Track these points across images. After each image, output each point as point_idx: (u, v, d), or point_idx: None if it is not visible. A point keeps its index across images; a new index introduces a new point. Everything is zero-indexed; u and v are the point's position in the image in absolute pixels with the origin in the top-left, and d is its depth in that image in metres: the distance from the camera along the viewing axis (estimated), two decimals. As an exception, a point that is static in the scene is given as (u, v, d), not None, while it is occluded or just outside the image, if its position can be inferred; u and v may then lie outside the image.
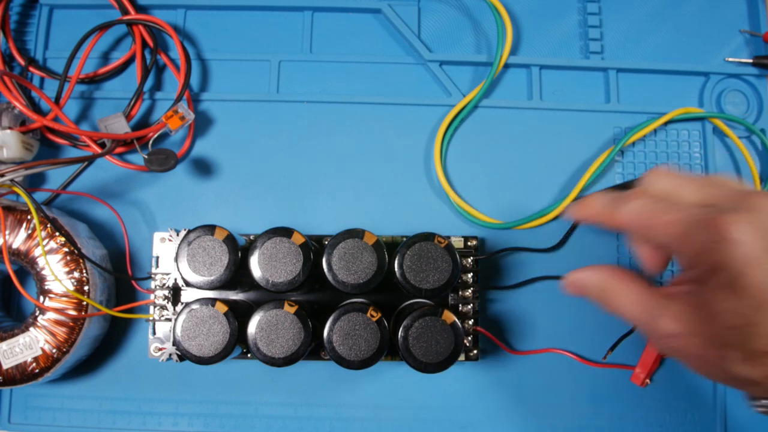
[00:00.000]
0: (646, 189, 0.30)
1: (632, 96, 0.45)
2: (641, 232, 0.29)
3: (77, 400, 0.41)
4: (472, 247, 0.40)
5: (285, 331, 0.34)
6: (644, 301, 0.29)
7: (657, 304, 0.28)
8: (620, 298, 0.30)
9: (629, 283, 0.30)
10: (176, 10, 0.45)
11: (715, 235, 0.26)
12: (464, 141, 0.44)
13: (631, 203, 0.30)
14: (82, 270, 0.37)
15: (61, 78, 0.42)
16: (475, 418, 0.41)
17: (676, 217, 0.28)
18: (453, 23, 0.46)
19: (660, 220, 0.28)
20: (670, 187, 0.30)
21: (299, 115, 0.44)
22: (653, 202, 0.29)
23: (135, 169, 0.42)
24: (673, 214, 0.28)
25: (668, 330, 0.28)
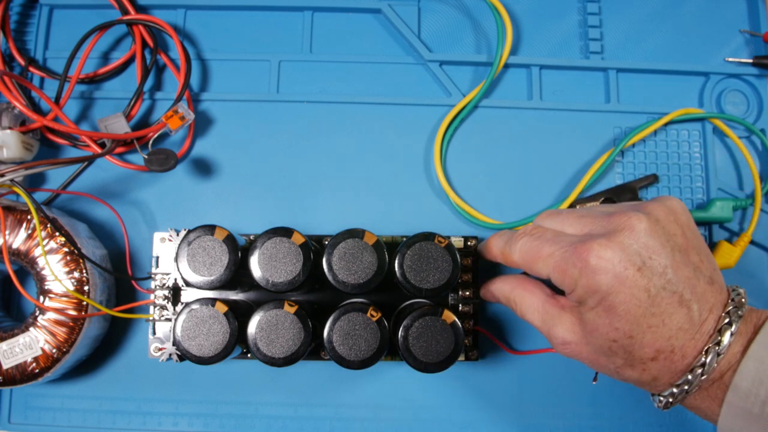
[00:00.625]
0: (533, 227, 0.33)
1: (632, 96, 0.45)
2: (528, 269, 0.32)
3: (77, 400, 0.41)
4: (472, 247, 0.40)
5: (285, 331, 0.34)
6: (542, 310, 0.32)
7: (552, 314, 0.31)
8: (523, 306, 0.33)
9: (530, 293, 0.33)
10: (176, 10, 0.45)
11: (580, 262, 0.28)
12: (464, 141, 0.44)
13: (517, 243, 0.33)
14: (82, 270, 0.37)
15: (61, 78, 0.42)
16: (475, 418, 0.41)
17: (551, 251, 0.30)
18: (453, 23, 0.46)
19: (539, 255, 0.31)
20: (554, 223, 0.32)
21: (299, 115, 0.44)
22: (534, 239, 0.32)
23: (135, 169, 0.42)
24: (548, 249, 0.30)
25: (562, 337, 0.30)
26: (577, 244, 0.29)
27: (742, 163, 0.44)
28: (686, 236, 0.29)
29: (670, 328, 0.27)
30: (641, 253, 0.28)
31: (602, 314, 0.28)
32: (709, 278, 0.29)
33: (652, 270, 0.28)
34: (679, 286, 0.28)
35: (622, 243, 0.28)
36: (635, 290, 0.27)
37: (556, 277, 0.30)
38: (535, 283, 0.33)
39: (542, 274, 0.31)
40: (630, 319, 0.27)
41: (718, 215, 0.41)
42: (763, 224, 0.43)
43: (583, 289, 0.29)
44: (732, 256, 0.41)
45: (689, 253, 0.29)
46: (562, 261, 0.29)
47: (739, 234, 0.42)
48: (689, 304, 0.27)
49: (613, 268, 0.27)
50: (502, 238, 0.35)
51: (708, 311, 0.28)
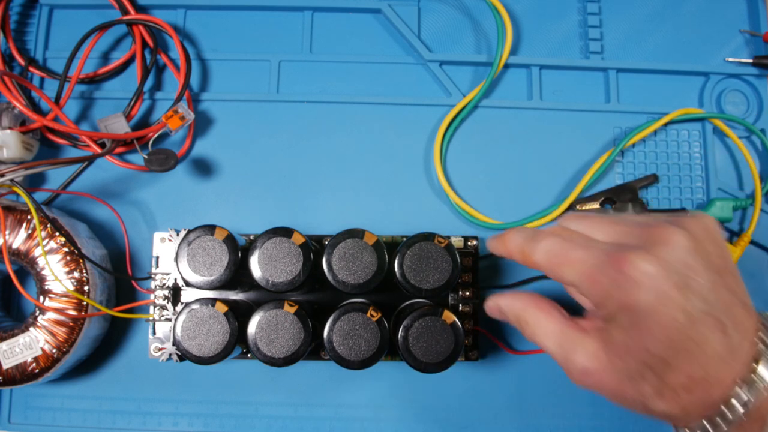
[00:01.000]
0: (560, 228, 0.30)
1: (632, 96, 0.45)
2: (552, 271, 0.29)
3: (77, 400, 0.41)
4: (472, 247, 0.40)
5: (285, 331, 0.34)
6: (560, 334, 0.29)
7: (572, 338, 0.28)
8: (536, 328, 0.30)
9: (546, 314, 0.30)
10: (176, 10, 0.45)
11: (617, 274, 0.26)
12: (464, 141, 0.44)
13: (542, 242, 0.29)
14: (82, 270, 0.37)
15: (61, 78, 0.42)
16: (475, 418, 0.41)
17: (583, 256, 0.27)
18: (453, 23, 0.46)
19: (567, 259, 0.28)
20: (582, 227, 0.30)
21: (299, 115, 0.44)
22: (563, 241, 0.29)
23: (135, 169, 0.42)
24: (579, 253, 0.28)
25: (583, 365, 0.28)
26: (614, 252, 0.27)
27: (742, 163, 0.44)
28: (723, 257, 0.27)
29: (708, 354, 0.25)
30: (681, 272, 0.26)
31: (635, 334, 0.26)
32: (744, 303, 0.27)
33: (692, 290, 0.25)
34: (717, 310, 0.25)
35: (663, 258, 0.26)
36: (674, 311, 0.25)
37: (584, 286, 0.27)
38: (552, 304, 0.30)
39: (567, 280, 0.28)
40: (666, 342, 0.25)
41: (718, 215, 0.41)
42: (763, 224, 0.43)
43: (615, 304, 0.26)
44: (732, 256, 0.41)
45: (726, 275, 0.27)
46: (595, 269, 0.27)
47: (739, 234, 0.42)
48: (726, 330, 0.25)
49: (654, 284, 0.25)
50: (523, 234, 0.31)
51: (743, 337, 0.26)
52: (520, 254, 0.31)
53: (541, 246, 0.29)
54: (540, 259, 0.29)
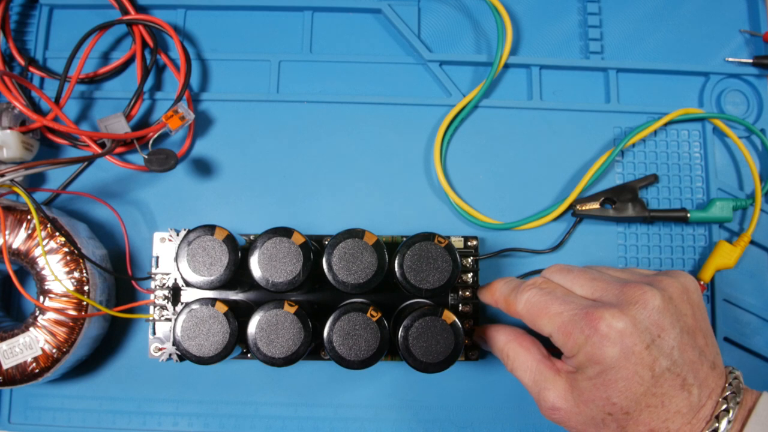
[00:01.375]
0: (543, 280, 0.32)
1: (632, 96, 0.45)
2: (531, 322, 0.31)
3: (77, 400, 0.41)
4: (472, 247, 0.40)
5: (285, 331, 0.34)
6: (535, 371, 0.31)
7: (545, 376, 0.30)
8: (515, 362, 0.32)
9: (525, 350, 0.32)
10: (176, 10, 0.45)
11: (589, 329, 0.28)
12: (464, 141, 0.44)
13: (524, 294, 0.32)
14: (82, 270, 0.37)
15: (61, 78, 0.42)
16: (475, 418, 0.41)
17: (559, 310, 0.29)
18: (453, 23, 0.46)
19: (546, 312, 0.30)
20: (564, 281, 0.32)
21: (299, 115, 0.44)
22: (543, 294, 0.31)
23: (135, 169, 0.42)
24: (557, 307, 0.30)
25: (552, 402, 0.29)
26: (589, 308, 0.28)
27: (742, 163, 0.44)
28: (696, 317, 0.29)
29: (669, 410, 0.27)
30: (651, 330, 0.27)
31: (600, 386, 0.27)
32: (712, 363, 0.28)
33: (660, 349, 0.27)
34: (683, 369, 0.27)
35: (633, 317, 0.27)
36: (639, 367, 0.27)
37: (558, 338, 0.29)
38: (532, 341, 0.33)
39: (544, 332, 0.30)
40: (629, 396, 0.27)
41: (718, 215, 0.41)
42: (763, 224, 0.43)
43: (585, 357, 0.28)
44: (732, 256, 0.41)
45: (696, 335, 0.28)
46: (570, 323, 0.29)
47: (739, 234, 0.42)
48: (690, 389, 0.27)
49: (622, 340, 0.27)
50: (509, 285, 0.34)
51: (707, 396, 0.27)
52: (504, 303, 0.34)
53: (524, 298, 0.32)
54: (521, 310, 0.32)
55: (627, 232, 0.43)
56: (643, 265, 0.43)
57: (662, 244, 0.43)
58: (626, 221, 0.42)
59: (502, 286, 0.34)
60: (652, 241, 0.43)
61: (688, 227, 0.43)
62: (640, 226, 0.43)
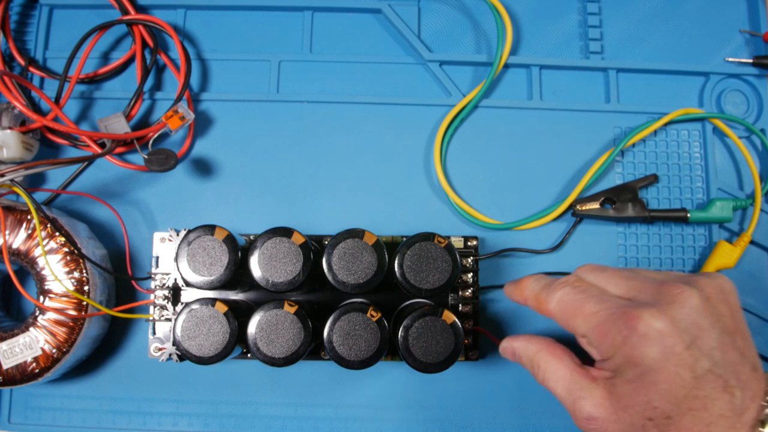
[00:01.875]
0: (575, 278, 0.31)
1: (632, 96, 0.45)
2: (564, 321, 0.30)
3: (77, 400, 0.41)
4: (472, 247, 0.40)
5: (285, 331, 0.34)
6: (569, 380, 0.29)
7: (580, 385, 0.29)
8: (547, 373, 0.31)
9: (558, 359, 0.30)
10: (176, 10, 0.45)
11: (627, 329, 0.27)
12: (464, 141, 0.44)
13: (557, 292, 0.30)
14: (82, 270, 0.37)
15: (61, 78, 0.42)
16: (475, 418, 0.41)
17: (595, 309, 0.28)
18: (453, 23, 0.46)
19: (580, 311, 0.29)
20: (597, 280, 0.30)
21: (299, 115, 0.44)
22: (577, 292, 0.30)
23: (135, 169, 0.42)
24: (592, 306, 0.29)
25: (589, 413, 0.28)
26: (626, 307, 0.27)
27: (742, 163, 0.44)
28: (734, 319, 0.28)
29: (712, 413, 0.25)
30: (691, 331, 0.26)
31: (640, 389, 0.26)
32: (753, 365, 0.27)
33: (700, 349, 0.26)
34: (725, 371, 0.26)
35: (673, 316, 0.26)
36: (680, 368, 0.26)
37: (594, 338, 0.28)
38: (564, 350, 0.31)
39: (579, 332, 0.29)
40: (670, 399, 0.26)
41: (718, 215, 0.41)
42: (763, 224, 0.43)
43: (623, 358, 0.27)
44: (732, 256, 0.41)
45: (736, 336, 0.27)
46: (606, 322, 0.28)
47: (739, 234, 0.42)
48: (733, 391, 0.26)
49: (661, 340, 0.26)
50: (540, 283, 0.32)
51: (750, 400, 0.26)
52: (534, 301, 0.32)
53: (556, 296, 0.30)
54: (554, 309, 0.30)
55: (627, 232, 0.43)
56: (643, 264, 0.43)
57: (662, 244, 0.43)
58: (626, 221, 0.42)
59: (533, 283, 0.33)
60: (652, 241, 0.43)
61: (688, 227, 0.43)
62: (640, 226, 0.43)
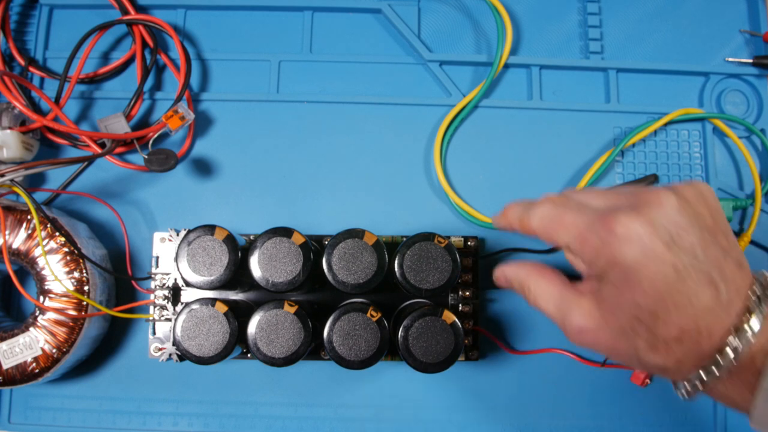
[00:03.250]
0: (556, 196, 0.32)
1: (632, 96, 0.45)
2: (547, 235, 0.31)
3: (77, 400, 0.41)
4: (472, 247, 0.40)
5: (285, 331, 0.34)
6: (558, 297, 0.30)
7: (569, 299, 0.30)
8: (537, 293, 0.31)
9: (547, 279, 0.31)
10: (176, 10, 0.45)
11: (606, 233, 0.27)
12: (464, 141, 0.44)
13: (538, 209, 0.31)
14: (82, 270, 0.37)
15: (61, 78, 0.42)
16: (476, 418, 0.41)
17: (574, 219, 0.29)
18: (453, 23, 0.46)
19: (561, 223, 0.29)
20: (578, 196, 0.31)
21: (299, 115, 0.44)
22: (557, 206, 0.30)
23: (135, 169, 0.42)
24: (572, 217, 0.29)
25: (578, 325, 0.29)
26: (604, 213, 0.28)
27: (742, 163, 0.44)
28: (715, 219, 0.28)
29: (697, 307, 0.26)
30: (669, 229, 0.27)
31: (624, 289, 0.27)
32: (737, 261, 0.27)
33: (681, 246, 0.26)
34: (707, 265, 0.26)
35: (650, 216, 0.27)
36: (662, 265, 0.26)
37: (576, 247, 0.29)
38: (553, 270, 0.32)
39: (561, 243, 0.30)
40: (655, 295, 0.26)
41: (718, 215, 0.41)
42: (763, 224, 0.43)
43: (605, 261, 0.27)
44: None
45: (717, 235, 0.28)
46: (586, 230, 0.28)
47: (739, 234, 0.42)
48: (717, 284, 0.26)
49: (640, 239, 0.26)
50: (521, 205, 0.33)
51: (735, 292, 0.26)
52: (518, 222, 0.33)
53: (538, 212, 0.31)
54: (536, 225, 0.31)
55: (627, 232, 0.43)
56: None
57: (662, 244, 0.43)
58: (626, 221, 0.42)
59: (515, 207, 0.33)
60: (652, 241, 0.43)
61: (688, 227, 0.43)
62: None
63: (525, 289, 0.32)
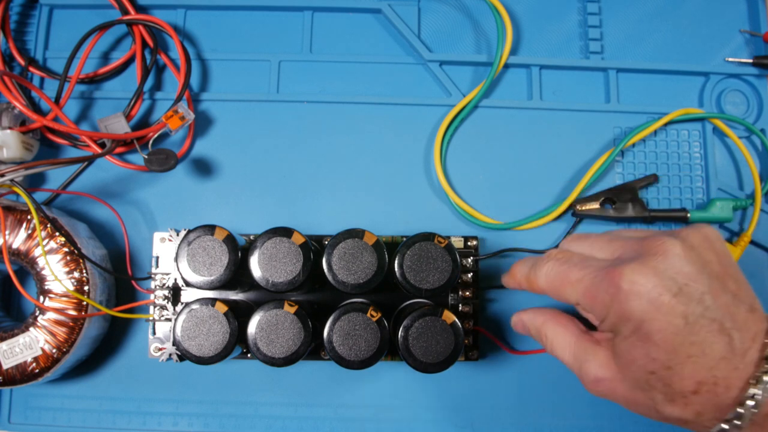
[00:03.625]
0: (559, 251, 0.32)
1: (632, 96, 0.45)
2: (555, 294, 0.31)
3: (77, 400, 0.41)
4: (472, 247, 0.40)
5: (285, 331, 0.34)
6: (574, 346, 0.30)
7: (585, 349, 0.29)
8: (554, 341, 0.31)
9: (563, 327, 0.31)
10: (176, 10, 0.45)
11: (612, 287, 0.27)
12: (464, 141, 0.44)
13: (543, 268, 0.31)
14: (82, 270, 0.37)
15: (61, 78, 0.42)
16: (475, 418, 0.41)
17: (580, 276, 0.29)
18: (453, 23, 0.46)
19: (567, 281, 0.29)
20: (581, 248, 0.31)
21: (299, 115, 0.44)
22: (561, 263, 0.30)
23: (135, 169, 0.42)
24: (577, 273, 0.29)
25: (595, 375, 0.29)
26: (608, 268, 0.28)
27: (742, 163, 0.44)
28: (722, 264, 0.28)
29: (712, 357, 0.25)
30: (676, 279, 0.26)
31: (637, 343, 0.27)
32: (750, 306, 0.27)
33: (689, 296, 0.26)
34: (718, 314, 0.26)
35: (655, 268, 0.26)
36: (672, 317, 0.26)
37: (585, 303, 0.29)
38: (569, 318, 0.32)
39: (571, 301, 0.30)
40: (667, 348, 0.26)
41: (718, 215, 0.41)
42: (763, 224, 0.43)
43: (615, 316, 0.27)
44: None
45: (726, 280, 0.27)
46: (592, 286, 0.28)
47: (739, 234, 0.42)
48: (730, 333, 0.26)
49: (647, 293, 0.26)
50: (527, 264, 0.33)
51: (751, 340, 0.26)
52: (526, 283, 0.33)
53: (543, 272, 0.31)
54: (543, 284, 0.31)
55: (627, 232, 0.43)
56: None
57: (662, 244, 0.43)
58: (626, 221, 0.42)
59: (521, 266, 0.34)
60: (652, 241, 0.43)
61: (688, 227, 0.43)
62: (640, 226, 0.43)
63: (542, 337, 0.32)
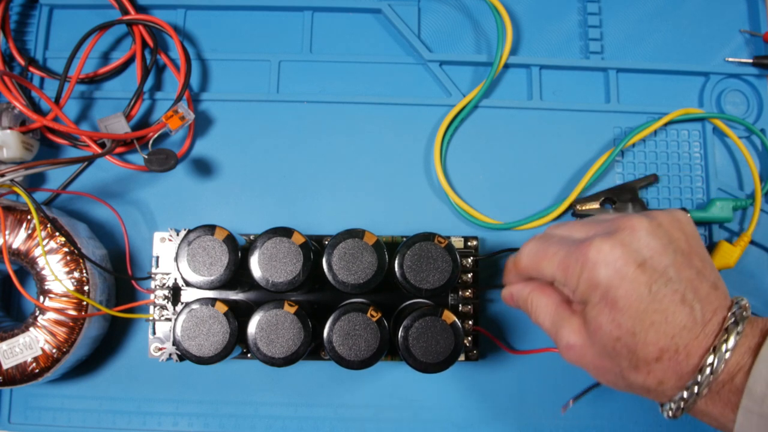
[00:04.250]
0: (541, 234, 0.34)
1: (632, 96, 0.45)
2: (535, 270, 0.32)
3: (77, 400, 0.41)
4: (472, 247, 0.40)
5: (285, 331, 0.34)
6: (553, 312, 0.32)
7: (562, 317, 0.31)
8: (538, 309, 0.33)
9: (546, 296, 0.33)
10: (176, 10, 0.45)
11: (582, 258, 0.29)
12: (464, 141, 0.44)
13: (525, 249, 0.33)
14: (82, 270, 0.37)
15: (61, 78, 0.42)
16: (475, 418, 0.41)
17: (556, 250, 0.31)
18: (453, 23, 0.46)
19: (545, 256, 0.31)
20: (562, 230, 0.33)
21: (299, 115, 0.44)
22: (541, 242, 0.32)
23: (135, 169, 0.42)
24: (553, 249, 0.31)
25: (567, 341, 0.30)
26: (581, 241, 0.30)
27: (742, 163, 0.44)
28: (689, 243, 0.29)
29: (674, 326, 0.27)
30: (642, 252, 0.28)
31: (604, 310, 0.28)
32: (713, 283, 0.28)
33: (653, 267, 0.28)
34: (680, 286, 0.27)
35: (622, 240, 0.28)
36: (636, 285, 0.27)
37: (559, 276, 0.30)
38: (553, 288, 0.33)
39: (547, 275, 0.31)
40: (632, 314, 0.27)
41: (718, 215, 0.41)
42: (763, 224, 0.43)
43: (585, 285, 0.29)
44: (732, 256, 0.41)
45: (692, 257, 0.29)
46: (565, 258, 0.30)
47: (739, 234, 0.42)
48: (692, 304, 0.27)
49: (613, 262, 0.28)
50: (512, 257, 0.35)
51: (712, 313, 0.27)
52: (513, 267, 0.35)
53: (525, 251, 0.33)
54: (525, 262, 0.33)
55: (627, 232, 0.43)
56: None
57: (662, 244, 0.43)
58: (626, 221, 0.42)
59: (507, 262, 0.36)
60: (652, 241, 0.43)
61: (688, 227, 0.43)
62: (640, 226, 0.43)
63: (528, 305, 0.34)
